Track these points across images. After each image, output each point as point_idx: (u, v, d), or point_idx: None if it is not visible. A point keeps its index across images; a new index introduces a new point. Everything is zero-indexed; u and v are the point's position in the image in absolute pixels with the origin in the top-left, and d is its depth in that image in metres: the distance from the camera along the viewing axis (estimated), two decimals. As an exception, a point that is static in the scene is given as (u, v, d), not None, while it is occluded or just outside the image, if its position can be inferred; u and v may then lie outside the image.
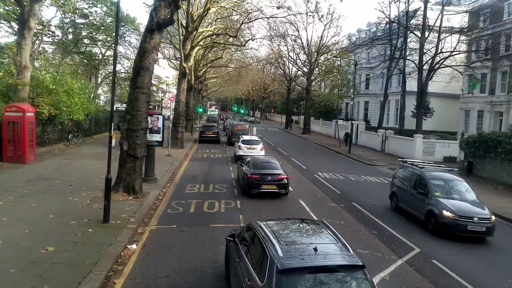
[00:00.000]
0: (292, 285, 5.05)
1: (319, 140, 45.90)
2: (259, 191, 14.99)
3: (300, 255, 5.49)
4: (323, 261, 5.39)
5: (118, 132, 14.50)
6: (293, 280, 5.09)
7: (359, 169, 25.33)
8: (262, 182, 15.01)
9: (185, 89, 29.09)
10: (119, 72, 41.42)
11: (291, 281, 5.08)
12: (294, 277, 5.11)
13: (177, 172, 19.96)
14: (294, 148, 35.83)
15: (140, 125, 13.74)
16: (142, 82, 13.74)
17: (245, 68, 70.56)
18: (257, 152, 24.09)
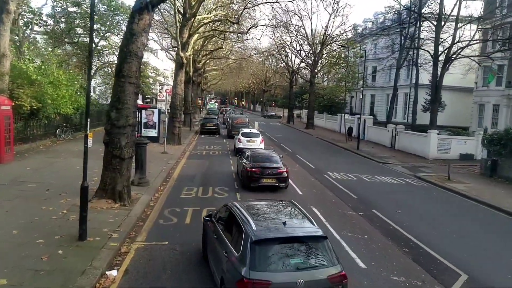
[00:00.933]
0: (264, 253, 5.84)
1: (323, 135, 43.89)
2: (258, 184, 14.74)
3: (271, 229, 6.35)
4: (290, 233, 6.18)
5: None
6: (265, 249, 5.88)
7: (370, 168, 23.35)
8: (262, 176, 14.83)
9: (182, 80, 27.03)
10: (112, 64, 39.24)
11: (263, 250, 5.87)
12: (266, 247, 5.90)
13: (172, 172, 17.98)
14: (298, 144, 33.82)
15: (127, 121, 11.74)
16: (129, 70, 11.72)
17: (246, 60, 68.40)
18: (257, 145, 23.99)
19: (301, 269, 5.79)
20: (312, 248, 6.17)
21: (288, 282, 5.62)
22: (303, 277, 5.64)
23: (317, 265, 5.98)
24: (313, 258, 6.07)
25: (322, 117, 55.97)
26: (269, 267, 5.77)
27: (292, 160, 23.95)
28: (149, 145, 25.90)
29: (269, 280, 5.56)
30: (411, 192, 17.52)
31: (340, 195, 15.37)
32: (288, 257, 5.94)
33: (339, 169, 21.38)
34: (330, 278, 5.80)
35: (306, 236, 6.27)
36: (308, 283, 5.63)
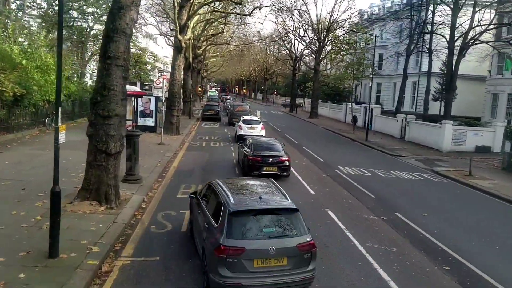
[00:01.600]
0: (240, 223, 6.42)
1: (328, 125, 42.15)
2: (259, 173, 14.30)
3: (248, 202, 7.02)
4: (264, 206, 6.83)
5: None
6: (240, 220, 6.47)
7: (383, 162, 21.71)
8: (263, 164, 14.61)
9: (181, 66, 25.23)
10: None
11: (239, 220, 6.45)
12: (242, 218, 6.49)
13: (169, 167, 16.32)
14: (303, 134, 32.11)
15: (114, 109, 10.05)
16: (116, 51, 9.98)
17: (248, 46, 66.34)
18: (258, 132, 24.03)
19: (273, 238, 6.39)
20: (284, 219, 6.72)
21: (260, 249, 6.21)
22: (274, 244, 6.25)
23: (287, 234, 6.54)
24: (285, 228, 6.62)
25: (326, 106, 54.11)
26: (244, 235, 6.32)
27: (299, 152, 22.29)
28: (145, 135, 24.37)
29: (243, 247, 6.12)
30: (431, 189, 15.89)
31: (356, 194, 13.72)
32: (261, 227, 6.51)
33: (350, 163, 19.73)
34: (299, 246, 6.37)
35: (278, 208, 6.92)
36: (279, 250, 6.22)
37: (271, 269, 6.23)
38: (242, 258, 6.11)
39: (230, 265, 6.09)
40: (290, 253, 6.31)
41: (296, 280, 6.31)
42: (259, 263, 6.19)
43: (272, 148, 15.54)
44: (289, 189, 13.36)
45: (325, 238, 9.19)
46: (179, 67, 25.09)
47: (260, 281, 6.16)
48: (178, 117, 25.41)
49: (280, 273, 6.25)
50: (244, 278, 6.12)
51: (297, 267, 6.34)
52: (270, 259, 6.23)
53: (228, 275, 6.06)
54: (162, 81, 22.00)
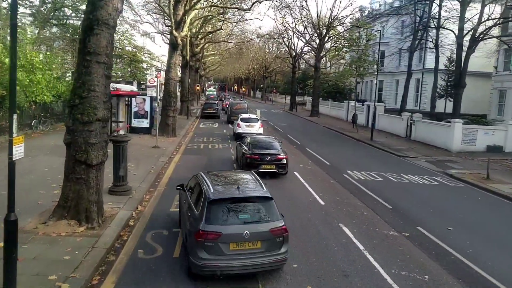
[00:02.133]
0: (217, 210, 6.93)
1: (330, 123, 40.80)
2: (257, 171, 13.24)
3: (226, 191, 7.62)
4: (241, 194, 7.38)
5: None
6: (218, 207, 6.97)
7: (392, 164, 20.39)
8: (261, 162, 14.64)
9: (177, 64, 23.85)
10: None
11: (217, 208, 6.95)
12: (219, 205, 7.01)
13: (163, 174, 14.93)
14: (305, 134, 30.76)
15: (95, 114, 8.68)
16: (97, 45, 8.61)
17: (246, 44, 64.91)
18: (256, 130, 24.03)
19: (247, 223, 6.87)
20: (258, 207, 7.25)
21: (235, 233, 6.68)
22: (248, 229, 6.70)
23: (261, 220, 7.04)
24: (259, 215, 7.14)
25: (327, 104, 52.75)
26: (220, 221, 6.80)
27: (303, 154, 20.95)
28: (139, 138, 22.99)
29: (220, 231, 6.60)
30: (449, 196, 14.56)
31: (370, 204, 12.35)
32: (237, 213, 7.02)
33: (358, 166, 18.39)
34: (272, 231, 6.86)
35: (253, 196, 7.41)
36: (253, 234, 6.68)
37: (246, 252, 6.73)
38: (219, 241, 6.59)
39: (208, 248, 6.57)
40: (264, 237, 6.83)
41: (270, 262, 6.85)
42: (234, 246, 6.69)
43: (270, 146, 15.55)
44: (296, 199, 12.13)
45: (343, 264, 7.83)
46: (175, 65, 23.69)
47: (235, 263, 6.66)
48: (174, 118, 24.03)
49: (254, 255, 6.76)
50: (221, 260, 6.60)
51: (270, 250, 6.86)
52: (245, 243, 6.73)
53: (206, 257, 6.55)
54: (157, 80, 20.58)
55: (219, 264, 6.59)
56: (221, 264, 6.59)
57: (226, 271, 6.68)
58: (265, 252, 6.81)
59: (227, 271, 6.68)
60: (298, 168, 17.17)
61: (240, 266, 6.69)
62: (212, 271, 6.63)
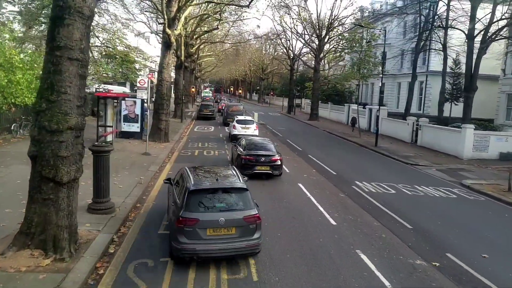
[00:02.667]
0: (196, 200, 7.55)
1: (330, 127, 39.39)
2: (252, 172, 14.44)
3: (205, 183, 8.33)
4: (218, 186, 8.04)
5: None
6: (197, 197, 7.60)
7: (401, 173, 18.98)
8: (256, 163, 14.79)
9: (170, 64, 22.30)
10: (93, 45, 34.27)
11: (196, 197, 7.59)
12: (198, 195, 7.66)
13: (152, 186, 13.35)
14: (306, 139, 29.29)
15: (67, 120, 7.14)
16: (69, 39, 7.08)
17: (243, 45, 63.50)
18: (251, 132, 24.02)
19: (223, 211, 7.55)
20: (234, 196, 7.90)
21: (212, 220, 7.34)
22: (224, 216, 7.36)
23: (236, 208, 7.68)
24: (234, 203, 7.79)
25: (327, 108, 51.33)
26: (199, 209, 7.46)
27: (305, 162, 19.45)
28: (128, 143, 21.35)
29: (198, 218, 7.25)
30: (472, 212, 13.12)
31: (388, 223, 10.84)
32: (214, 202, 7.71)
33: (366, 176, 16.93)
34: (245, 218, 7.50)
35: (229, 187, 8.12)
36: (227, 221, 7.32)
37: (221, 237, 7.28)
38: (197, 227, 7.13)
39: (187, 233, 7.12)
40: (238, 223, 7.37)
41: (243, 247, 7.36)
42: (211, 232, 7.24)
43: (264, 148, 15.67)
44: (304, 217, 10.63)
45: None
46: (168, 65, 22.13)
47: (212, 247, 7.20)
48: (167, 122, 22.47)
49: (229, 240, 7.29)
50: (199, 244, 7.14)
51: (244, 236, 7.39)
52: (221, 229, 7.27)
53: (185, 242, 7.10)
54: (148, 81, 18.98)
55: (196, 248, 7.16)
56: (198, 248, 7.18)
57: (203, 254, 7.27)
58: (239, 238, 7.38)
59: (204, 254, 7.28)
60: (302, 178, 15.66)
61: (216, 250, 7.26)
62: (191, 254, 7.22)
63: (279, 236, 9.28)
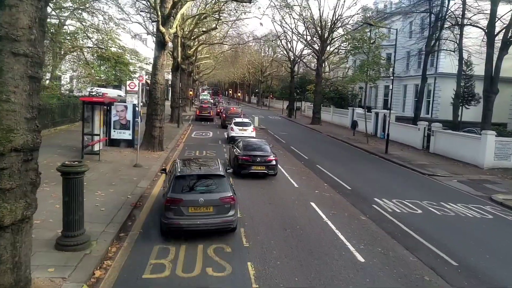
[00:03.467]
0: (181, 183, 9.08)
1: (334, 132, 37.48)
2: (248, 172, 15.31)
3: (189, 170, 9.92)
4: (200, 172, 9.72)
5: None
6: (181, 181, 9.15)
7: (421, 186, 17.05)
8: (252, 163, 15.39)
9: (164, 65, 20.32)
10: (84, 46, 32.25)
11: (180, 181, 9.13)
12: (182, 180, 9.20)
13: (140, 207, 11.31)
14: (311, 146, 27.36)
15: (10, 139, 5.17)
16: (13, 25, 5.11)
17: (242, 47, 61.64)
18: (249, 134, 24.99)
19: (202, 193, 9.04)
20: (213, 181, 9.37)
21: (193, 199, 8.83)
22: (203, 197, 8.88)
23: (213, 191, 9.15)
24: (213, 187, 9.25)
25: (329, 111, 49.42)
26: (182, 191, 8.95)
27: (314, 174, 17.51)
28: (119, 152, 19.36)
29: (181, 198, 8.76)
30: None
31: (427, 258, 8.81)
32: (196, 186, 9.20)
33: (385, 191, 14.98)
34: (221, 199, 8.97)
35: (209, 174, 9.65)
36: (206, 201, 8.82)
37: (201, 214, 8.80)
38: (181, 206, 8.66)
39: (173, 210, 8.65)
40: (215, 203, 8.89)
41: (219, 222, 8.83)
42: (192, 210, 8.75)
43: (260, 149, 16.26)
44: (324, 251, 8.38)
45: None
46: (162, 67, 20.15)
47: (193, 222, 8.70)
48: (161, 129, 20.47)
49: (207, 216, 8.79)
50: (182, 219, 8.64)
51: (220, 213, 8.86)
52: (200, 207, 8.80)
53: (172, 217, 8.64)
54: (138, 84, 16.98)
55: (180, 222, 8.55)
56: (182, 222, 8.56)
57: (186, 228, 8.62)
58: (216, 215, 8.75)
59: (186, 228, 8.62)
60: (314, 196, 13.69)
61: (196, 224, 8.63)
62: (176, 227, 8.62)
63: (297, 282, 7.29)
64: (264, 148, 16.40)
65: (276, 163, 15.82)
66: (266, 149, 16.26)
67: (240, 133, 24.53)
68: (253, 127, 26.78)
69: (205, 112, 41.67)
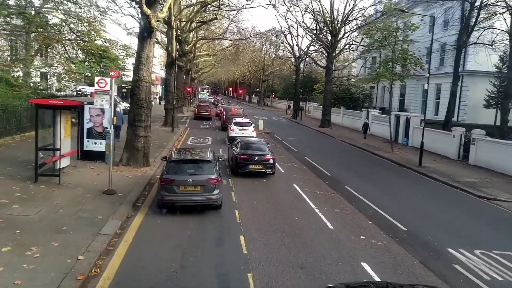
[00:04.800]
0: (173, 167, 10.93)
1: (347, 137, 33.28)
2: (246, 171, 15.44)
3: (181, 156, 11.84)
4: (190, 158, 11.74)
5: None
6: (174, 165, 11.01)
7: (491, 219, 12.86)
8: (250, 162, 15.47)
9: (151, 58, 15.85)
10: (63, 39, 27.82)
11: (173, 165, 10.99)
12: (175, 164, 11.09)
13: (97, 276, 6.97)
14: (327, 155, 23.18)
15: None
16: None
17: (243, 44, 57.24)
18: (249, 134, 24.75)
19: (191, 174, 10.78)
20: (201, 165, 11.17)
21: (183, 180, 10.54)
22: (192, 178, 10.62)
23: (201, 173, 10.85)
24: (200, 170, 11.00)
25: (339, 112, 45.03)
26: (175, 173, 10.73)
27: (349, 203, 13.11)
28: (91, 170, 14.81)
29: (173, 178, 10.50)
30: None
31: None
32: (186, 169, 11.02)
33: (456, 233, 10.71)
34: (207, 180, 10.63)
35: (197, 159, 11.49)
36: (194, 181, 10.55)
37: (190, 192, 10.57)
38: (173, 185, 10.41)
39: (166, 189, 10.43)
40: (202, 183, 10.58)
41: (205, 199, 10.59)
42: (183, 188, 10.49)
43: (258, 148, 16.23)
44: None
45: None
46: (148, 60, 15.73)
47: (183, 198, 10.54)
48: (146, 138, 16.11)
49: (195, 194, 10.57)
50: (174, 196, 10.43)
51: (206, 192, 10.59)
52: (190, 186, 10.54)
53: (165, 194, 10.42)
54: (110, 82, 12.48)
55: (172, 198, 10.47)
56: (173, 198, 10.47)
57: (176, 203, 10.56)
58: (203, 193, 10.60)
59: (177, 203, 10.56)
60: (362, 246, 9.31)
61: (186, 200, 10.59)
62: (169, 203, 10.54)
63: None
64: (262, 147, 16.44)
65: (273, 162, 15.90)
66: (264, 148, 16.32)
67: (240, 133, 24.21)
68: (253, 127, 26.74)
69: (203, 111, 42.08)
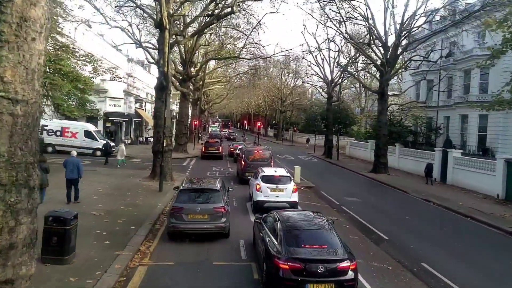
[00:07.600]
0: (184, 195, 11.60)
1: (419, 190, 22.49)
2: None
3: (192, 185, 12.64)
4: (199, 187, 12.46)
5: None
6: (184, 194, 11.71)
7: None
8: (306, 278, 7.37)
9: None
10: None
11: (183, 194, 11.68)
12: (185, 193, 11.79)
13: None
14: (433, 241, 12.29)
15: None
16: None
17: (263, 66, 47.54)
18: (287, 197, 15.16)
19: (200, 203, 11.38)
20: (209, 194, 11.76)
21: (192, 208, 11.11)
22: (200, 207, 11.20)
23: (209, 202, 11.42)
24: (209, 199, 11.56)
25: (393, 152, 34.14)
26: (184, 201, 11.32)
27: None
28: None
29: (183, 206, 11.09)
30: None
31: None
32: (195, 197, 11.64)
33: None
34: (214, 208, 11.17)
35: (206, 188, 12.19)
36: (202, 210, 11.12)
37: (198, 220, 11.04)
38: (182, 213, 10.97)
39: (176, 217, 10.99)
40: (209, 212, 11.10)
41: (212, 227, 11.06)
42: (191, 216, 11.01)
43: (321, 241, 8.21)
44: None
45: None
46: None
47: (191, 226, 11.01)
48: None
49: (203, 222, 11.03)
50: (182, 224, 10.95)
51: (213, 220, 11.06)
52: (198, 215, 11.06)
53: (174, 222, 10.98)
54: None
55: (181, 226, 10.95)
56: (182, 226, 10.95)
57: (185, 231, 11.01)
58: (210, 221, 11.03)
59: (186, 231, 11.01)
60: None
61: (194, 228, 11.02)
62: (177, 230, 11.00)
63: None
64: (329, 238, 8.28)
65: (355, 275, 7.61)
66: (333, 243, 8.12)
67: (273, 196, 15.19)
68: (294, 186, 15.81)
69: (212, 149, 35.75)
